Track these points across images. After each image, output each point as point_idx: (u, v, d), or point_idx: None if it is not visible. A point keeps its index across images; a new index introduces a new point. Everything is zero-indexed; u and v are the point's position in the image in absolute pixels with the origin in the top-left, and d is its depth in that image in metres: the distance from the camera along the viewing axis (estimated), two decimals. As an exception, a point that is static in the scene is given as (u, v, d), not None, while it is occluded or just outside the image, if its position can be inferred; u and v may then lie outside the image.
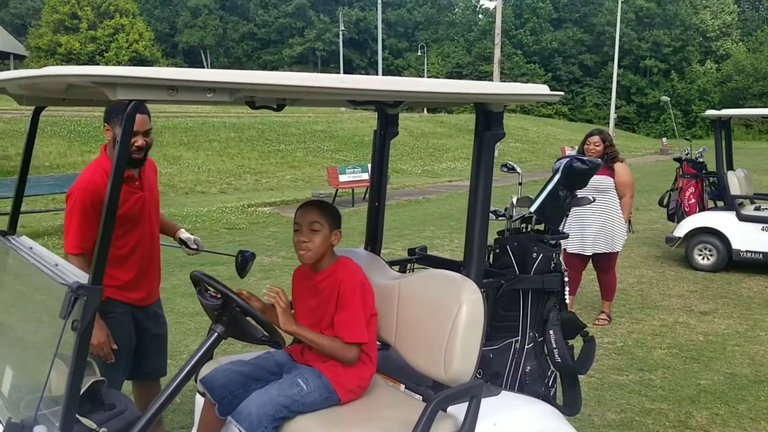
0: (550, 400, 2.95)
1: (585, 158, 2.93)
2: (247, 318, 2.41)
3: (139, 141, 3.05)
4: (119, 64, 54.15)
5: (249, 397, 2.39)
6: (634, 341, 5.62)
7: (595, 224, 5.77)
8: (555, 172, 2.97)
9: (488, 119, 2.59)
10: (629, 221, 6.29)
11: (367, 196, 3.29)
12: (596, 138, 5.81)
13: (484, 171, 2.61)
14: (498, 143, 2.67)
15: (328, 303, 2.58)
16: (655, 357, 5.25)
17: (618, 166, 5.87)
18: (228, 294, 2.32)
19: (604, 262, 6.02)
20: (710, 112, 8.52)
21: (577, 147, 6.44)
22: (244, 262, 2.87)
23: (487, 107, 2.58)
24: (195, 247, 3.60)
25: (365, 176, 14.86)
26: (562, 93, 2.72)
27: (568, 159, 2.94)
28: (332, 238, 2.61)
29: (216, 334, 2.34)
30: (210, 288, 2.42)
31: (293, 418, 2.41)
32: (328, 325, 2.57)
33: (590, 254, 5.87)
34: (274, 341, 2.40)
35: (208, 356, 2.37)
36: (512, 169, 3.37)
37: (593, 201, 3.23)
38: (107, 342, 2.92)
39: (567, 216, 3.07)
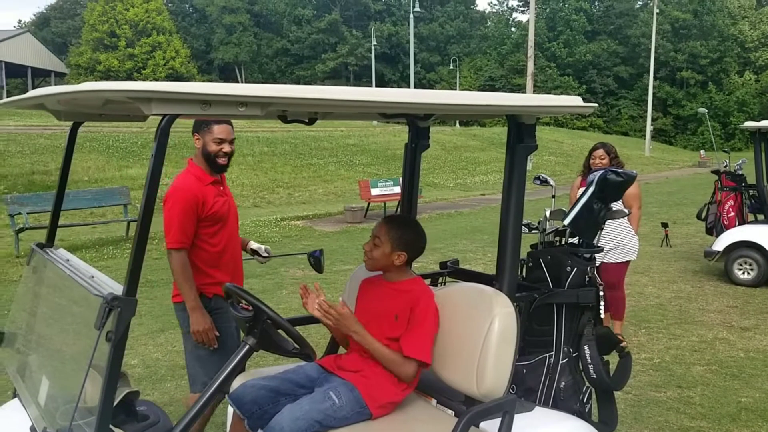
0: (585, 416, 2.89)
1: (620, 170, 2.88)
2: (279, 331, 2.42)
3: (226, 148, 3.36)
4: (156, 80, 55.19)
5: (281, 412, 2.37)
6: (672, 357, 5.48)
7: (604, 234, 5.53)
8: (589, 185, 2.92)
9: (520, 131, 2.57)
10: (666, 235, 6.20)
11: (399, 209, 3.29)
12: (601, 151, 5.67)
13: (516, 184, 2.59)
14: (531, 156, 2.65)
15: (395, 316, 2.58)
16: (694, 374, 5.11)
17: None
18: (259, 306, 2.33)
19: (612, 275, 5.65)
20: (749, 123, 8.33)
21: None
22: (316, 262, 3.21)
23: (520, 119, 2.56)
24: (266, 255, 3.79)
25: (397, 190, 14.87)
26: (595, 104, 2.69)
27: (602, 171, 2.89)
28: (393, 257, 2.63)
29: (248, 346, 2.35)
30: (242, 300, 2.44)
31: None
32: (388, 338, 2.56)
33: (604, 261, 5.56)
34: (305, 354, 2.40)
35: (239, 369, 2.38)
36: (545, 182, 3.33)
37: (629, 214, 3.16)
38: (211, 328, 3.22)
39: (602, 229, 3.02)
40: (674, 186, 21.89)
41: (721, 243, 8.08)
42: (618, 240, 5.57)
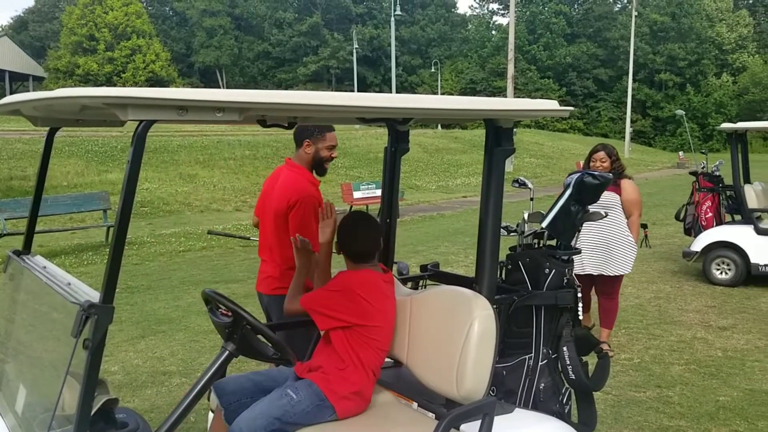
0: (564, 417, 2.92)
1: (596, 173, 2.91)
2: (259, 336, 2.42)
3: (335, 154, 3.78)
4: (136, 84, 54.93)
5: (240, 414, 2.38)
6: (652, 357, 5.54)
7: (598, 242, 5.38)
8: (566, 187, 2.95)
9: (498, 135, 2.59)
10: (646, 236, 6.21)
11: (380, 212, 3.31)
12: (602, 154, 5.48)
13: (495, 186, 2.61)
14: (512, 158, 2.68)
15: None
16: (673, 373, 5.17)
17: (625, 183, 5.51)
18: (239, 312, 2.33)
19: (608, 286, 5.59)
20: (726, 125, 8.45)
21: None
22: None
23: (497, 123, 2.58)
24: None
25: (379, 192, 14.86)
26: (572, 108, 2.72)
27: (579, 174, 2.93)
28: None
29: (227, 352, 2.34)
30: (221, 306, 2.43)
31: None
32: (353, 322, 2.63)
33: (589, 273, 5.44)
34: (285, 359, 2.40)
35: (219, 374, 2.37)
36: (524, 185, 3.36)
37: (605, 216, 3.20)
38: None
39: (579, 231, 3.05)
40: (654, 187, 22.13)
41: (699, 243, 8.18)
42: (615, 251, 5.40)
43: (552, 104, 2.70)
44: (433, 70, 62.79)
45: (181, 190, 18.16)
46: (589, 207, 2.99)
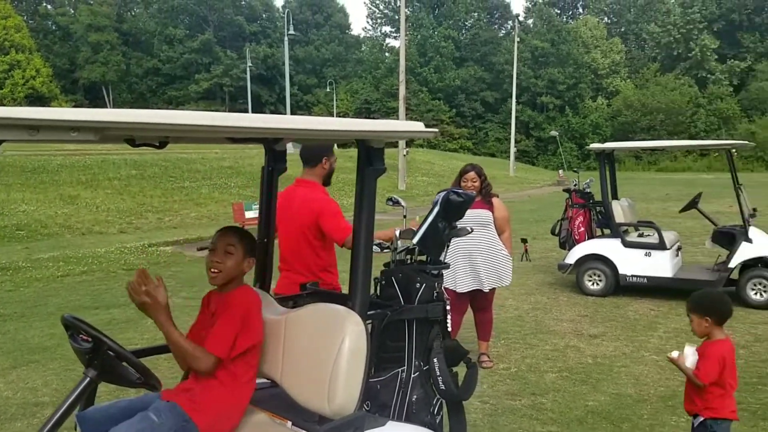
0: (435, 427, 3.01)
1: (460, 191, 3.06)
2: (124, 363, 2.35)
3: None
4: (15, 101, 51.70)
5: None
6: (528, 366, 5.81)
7: (484, 259, 5.58)
8: (434, 205, 3.08)
9: (370, 155, 2.67)
10: (526, 250, 6.54)
11: (258, 233, 3.31)
12: (473, 174, 5.60)
13: (367, 205, 2.69)
14: (404, 177, 2.77)
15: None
16: (547, 381, 5.44)
17: (496, 201, 5.75)
18: (99, 337, 2.26)
19: (486, 300, 5.79)
20: (594, 145, 9.04)
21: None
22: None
23: (369, 143, 2.67)
24: None
25: (271, 212, 14.73)
26: (436, 130, 2.85)
27: (445, 192, 3.07)
28: (244, 264, 2.69)
29: (88, 378, 2.27)
30: (82, 332, 2.35)
31: None
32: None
33: (488, 290, 5.65)
34: (150, 383, 2.35)
35: (79, 402, 2.29)
36: (397, 203, 3.47)
37: (471, 231, 3.36)
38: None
39: (448, 246, 3.18)
40: (535, 204, 23.25)
41: (573, 256, 8.69)
42: (499, 264, 5.60)
43: (418, 126, 2.82)
44: (328, 89, 63.16)
45: (61, 212, 17.19)
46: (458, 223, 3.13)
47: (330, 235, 3.95)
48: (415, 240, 3.07)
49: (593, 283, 8.60)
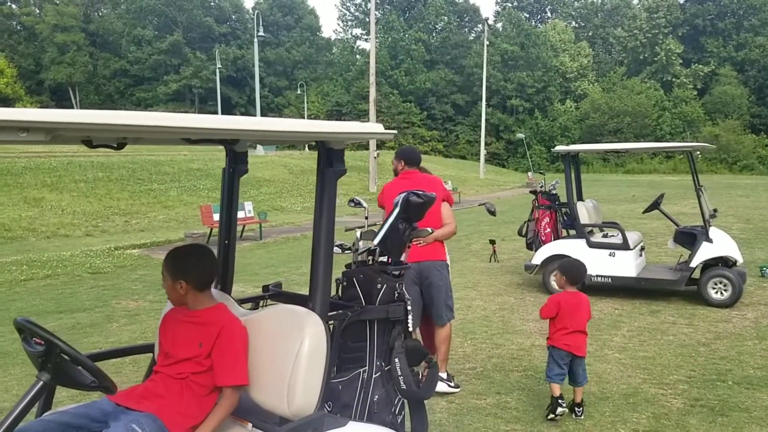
0: (397, 427, 3.03)
1: (420, 192, 3.08)
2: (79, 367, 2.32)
3: None
4: (-24, 101, 50.48)
5: None
6: (494, 366, 5.86)
7: None
8: (395, 206, 3.10)
9: (330, 156, 2.68)
10: (494, 251, 6.56)
11: (242, 234, 3.29)
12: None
13: (327, 206, 2.69)
14: (375, 178, 2.78)
15: (199, 344, 2.62)
16: (512, 380, 5.50)
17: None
18: (51, 340, 2.22)
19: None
20: (559, 147, 9.15)
21: (450, 183, 6.45)
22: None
23: (329, 145, 2.67)
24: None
25: (241, 214, 14.66)
26: (395, 131, 2.87)
27: (405, 193, 3.09)
28: (177, 288, 2.68)
29: (41, 382, 2.23)
30: (35, 335, 2.31)
31: None
32: (207, 355, 2.59)
33: None
34: (105, 386, 2.32)
35: (31, 407, 2.25)
36: (359, 204, 3.48)
37: (432, 232, 3.39)
38: None
39: (409, 247, 3.20)
40: (505, 206, 23.41)
41: (539, 257, 8.79)
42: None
43: (378, 128, 2.84)
44: (299, 92, 62.90)
45: (25, 215, 16.86)
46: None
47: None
48: (376, 241, 3.08)
49: (559, 284, 8.68)
